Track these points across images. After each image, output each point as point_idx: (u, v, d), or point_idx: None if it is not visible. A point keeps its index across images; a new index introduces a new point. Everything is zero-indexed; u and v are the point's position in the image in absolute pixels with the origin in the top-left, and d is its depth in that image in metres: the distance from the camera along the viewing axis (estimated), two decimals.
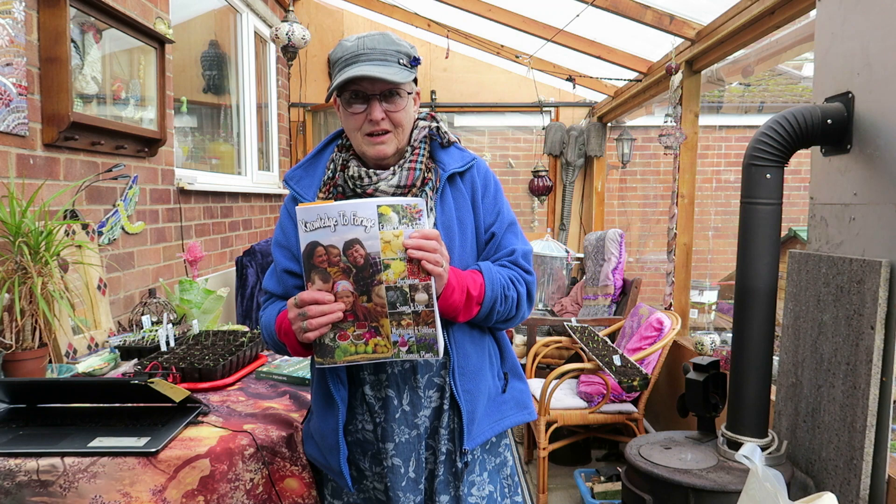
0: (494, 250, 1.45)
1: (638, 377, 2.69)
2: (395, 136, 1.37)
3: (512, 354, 1.53)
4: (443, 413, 1.39)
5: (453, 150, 1.46)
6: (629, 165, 5.33)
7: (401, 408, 1.38)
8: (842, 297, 1.63)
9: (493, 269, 1.39)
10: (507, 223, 1.47)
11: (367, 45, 1.32)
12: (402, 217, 1.19)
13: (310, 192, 1.43)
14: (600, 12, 3.32)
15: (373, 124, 1.34)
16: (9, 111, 1.90)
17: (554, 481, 3.28)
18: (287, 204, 1.47)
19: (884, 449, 1.51)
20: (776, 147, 1.67)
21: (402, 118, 1.36)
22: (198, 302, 2.57)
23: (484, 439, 1.42)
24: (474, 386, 1.40)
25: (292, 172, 1.47)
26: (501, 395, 1.48)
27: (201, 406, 1.61)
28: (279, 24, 4.32)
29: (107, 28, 2.37)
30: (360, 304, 1.23)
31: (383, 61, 1.31)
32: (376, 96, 1.33)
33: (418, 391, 1.38)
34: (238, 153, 4.25)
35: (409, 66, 1.35)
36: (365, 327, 1.23)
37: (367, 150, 1.37)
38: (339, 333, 1.25)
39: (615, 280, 4.23)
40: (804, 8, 2.34)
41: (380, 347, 1.23)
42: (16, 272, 1.65)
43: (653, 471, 1.74)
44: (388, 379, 1.38)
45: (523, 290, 1.42)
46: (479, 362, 1.42)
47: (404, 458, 1.39)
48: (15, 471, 1.32)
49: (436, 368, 1.40)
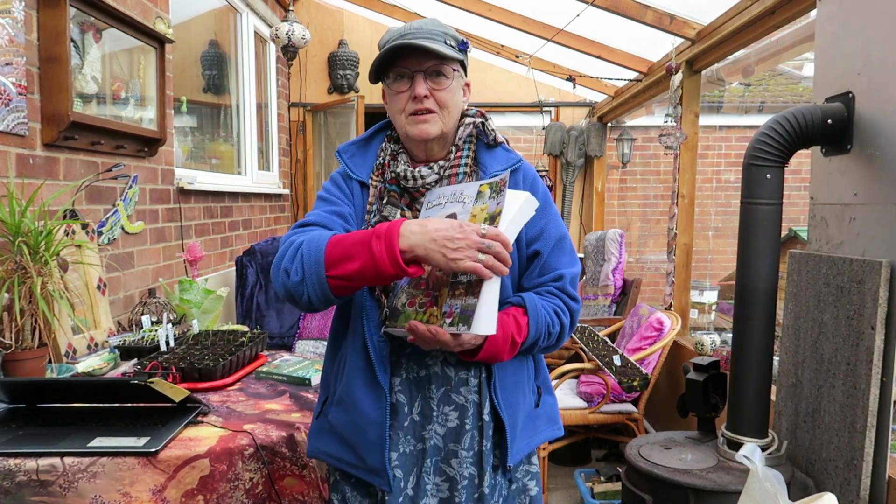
0: (539, 272, 1.34)
1: (638, 377, 2.69)
2: (440, 118, 1.30)
3: (545, 368, 1.46)
4: (464, 434, 1.30)
5: (499, 152, 1.37)
6: (629, 165, 5.33)
7: (410, 416, 1.31)
8: (842, 298, 1.63)
9: (538, 306, 1.29)
10: (554, 240, 1.35)
11: (414, 26, 1.29)
12: (492, 192, 1.19)
13: (362, 171, 1.37)
14: (600, 12, 3.32)
15: (416, 102, 1.27)
16: (8, 111, 1.90)
17: (554, 481, 3.28)
18: (336, 177, 1.39)
19: (884, 449, 1.51)
20: (776, 147, 1.67)
21: (447, 98, 1.30)
22: (198, 302, 2.57)
23: (522, 456, 1.36)
24: (514, 400, 1.34)
25: (347, 146, 1.41)
26: (535, 410, 1.41)
27: (201, 406, 1.61)
28: (279, 23, 4.32)
29: (107, 28, 2.37)
30: (434, 272, 1.22)
31: (429, 39, 1.27)
32: (421, 73, 1.28)
33: (430, 402, 1.30)
34: (238, 153, 4.25)
35: (455, 48, 1.31)
36: (430, 296, 1.21)
37: (409, 130, 1.30)
38: (410, 299, 1.23)
39: (615, 280, 4.23)
40: (804, 8, 2.34)
41: (433, 318, 1.18)
42: (15, 272, 1.65)
43: (653, 471, 1.74)
44: (400, 384, 1.31)
45: (567, 321, 1.33)
46: (519, 376, 1.36)
47: (406, 470, 1.30)
48: (15, 471, 1.32)
49: (454, 384, 1.31)
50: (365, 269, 1.12)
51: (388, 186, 1.34)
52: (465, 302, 1.15)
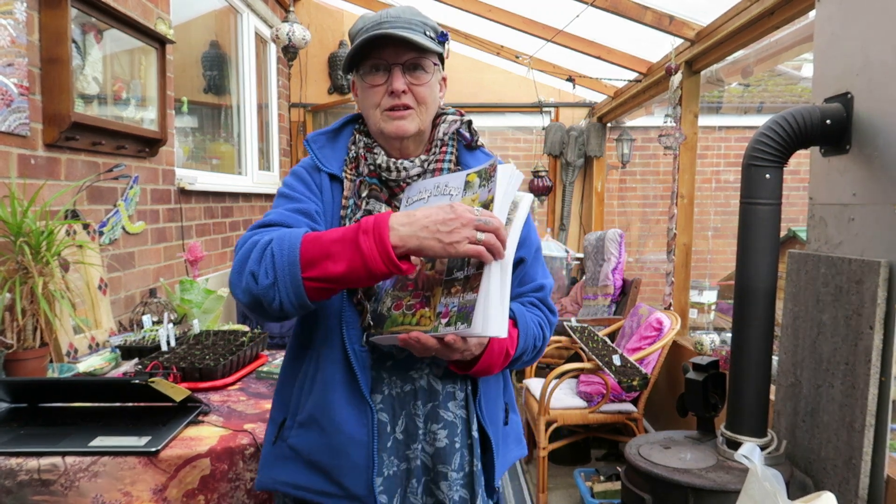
0: (520, 281, 1.28)
1: (637, 377, 2.69)
2: (417, 115, 1.21)
3: (511, 385, 1.37)
4: (453, 454, 1.20)
5: (479, 154, 1.30)
6: (629, 166, 5.34)
7: (393, 436, 1.20)
8: (841, 298, 1.63)
9: (527, 318, 1.23)
10: (535, 248, 1.30)
11: (391, 14, 1.19)
12: (482, 179, 1.11)
13: (332, 163, 1.26)
14: (600, 13, 3.32)
15: (393, 97, 1.18)
16: (10, 111, 1.90)
17: (554, 481, 3.28)
18: (300, 171, 1.27)
19: (882, 448, 1.52)
20: (775, 147, 1.67)
21: (425, 94, 1.21)
22: (198, 302, 2.58)
23: (501, 476, 1.28)
24: (495, 415, 1.27)
25: (316, 136, 1.30)
26: (505, 428, 1.32)
27: (202, 406, 1.61)
28: (279, 24, 4.32)
29: (108, 28, 2.38)
30: (423, 271, 1.14)
31: (408, 29, 1.17)
32: (398, 66, 1.18)
33: (416, 419, 1.20)
34: (238, 153, 4.25)
35: (435, 40, 1.21)
36: (419, 297, 1.12)
37: (385, 127, 1.20)
38: (396, 302, 1.15)
39: (615, 280, 4.23)
40: (804, 8, 2.34)
41: (424, 319, 1.08)
42: (17, 272, 1.66)
43: (652, 470, 1.74)
44: (382, 401, 1.20)
45: (549, 334, 1.29)
46: (496, 390, 1.29)
47: (390, 494, 1.19)
48: (16, 470, 1.33)
49: (442, 398, 1.21)
50: (352, 268, 1.01)
51: (368, 179, 1.23)
52: (462, 299, 1.04)
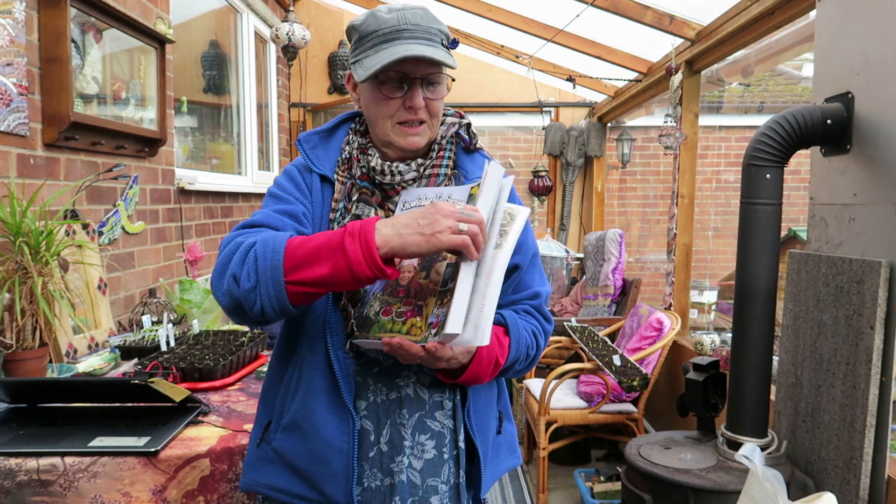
0: (515, 288, 1.25)
1: (638, 377, 2.69)
2: (429, 128, 1.19)
3: (506, 392, 1.35)
4: (442, 466, 1.17)
5: (477, 158, 1.27)
6: (629, 166, 5.33)
7: (377, 446, 1.16)
8: (841, 298, 1.63)
9: (520, 327, 1.20)
10: (531, 254, 1.27)
11: (410, 19, 1.12)
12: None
13: (325, 164, 1.23)
14: (600, 12, 3.32)
15: (411, 112, 1.15)
16: (9, 111, 1.90)
17: (554, 481, 3.28)
18: (291, 171, 1.24)
19: (883, 449, 1.52)
20: (776, 147, 1.67)
21: (439, 108, 1.19)
22: (198, 302, 2.57)
23: (489, 488, 1.25)
24: (486, 425, 1.24)
25: (308, 136, 1.26)
26: (497, 437, 1.29)
27: (201, 406, 1.61)
28: (279, 24, 4.32)
29: (107, 28, 2.38)
30: (416, 280, 1.12)
31: (428, 40, 1.12)
32: (418, 80, 1.13)
33: (402, 430, 1.16)
34: (238, 153, 4.25)
35: (447, 49, 1.17)
36: (411, 305, 1.11)
37: (397, 140, 1.17)
38: (384, 308, 1.13)
39: (615, 280, 4.23)
40: (804, 8, 2.34)
41: (414, 329, 1.07)
42: (16, 272, 1.66)
43: (652, 471, 1.74)
44: (366, 408, 1.16)
45: (543, 343, 1.26)
46: (489, 399, 1.26)
47: None
48: (15, 470, 1.33)
49: (429, 408, 1.18)
50: (336, 272, 0.99)
51: (360, 182, 1.21)
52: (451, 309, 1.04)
